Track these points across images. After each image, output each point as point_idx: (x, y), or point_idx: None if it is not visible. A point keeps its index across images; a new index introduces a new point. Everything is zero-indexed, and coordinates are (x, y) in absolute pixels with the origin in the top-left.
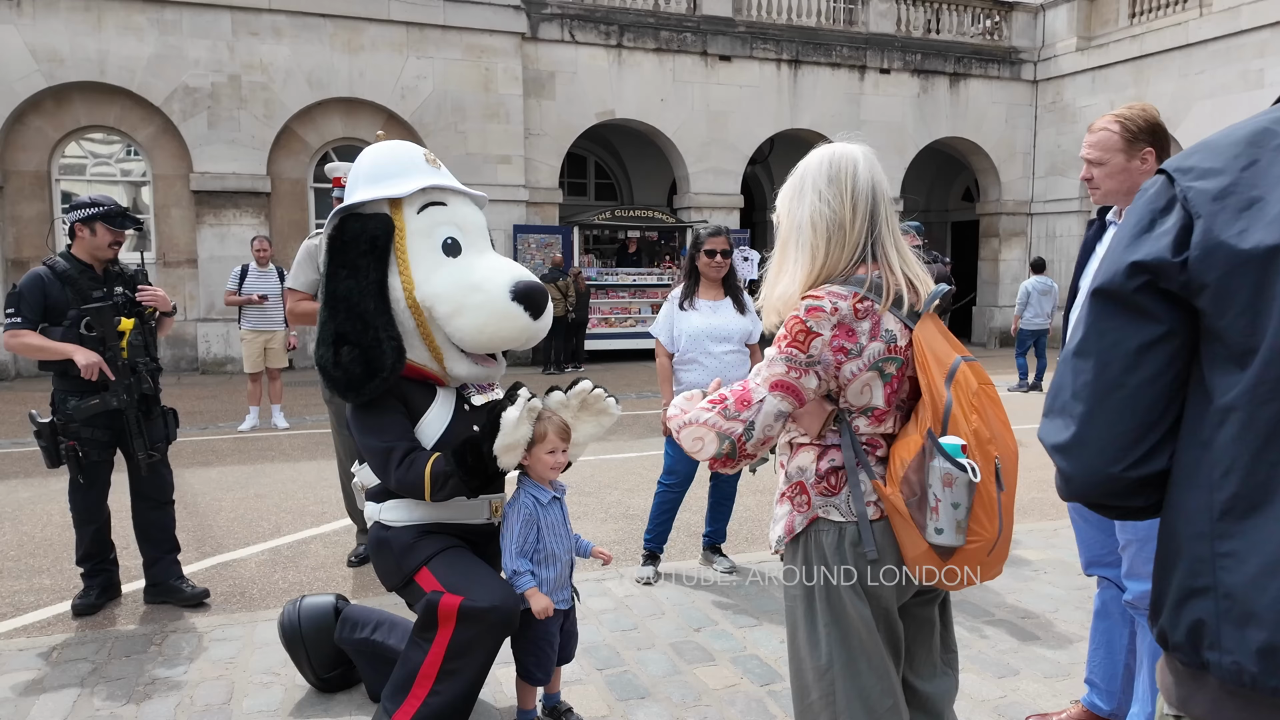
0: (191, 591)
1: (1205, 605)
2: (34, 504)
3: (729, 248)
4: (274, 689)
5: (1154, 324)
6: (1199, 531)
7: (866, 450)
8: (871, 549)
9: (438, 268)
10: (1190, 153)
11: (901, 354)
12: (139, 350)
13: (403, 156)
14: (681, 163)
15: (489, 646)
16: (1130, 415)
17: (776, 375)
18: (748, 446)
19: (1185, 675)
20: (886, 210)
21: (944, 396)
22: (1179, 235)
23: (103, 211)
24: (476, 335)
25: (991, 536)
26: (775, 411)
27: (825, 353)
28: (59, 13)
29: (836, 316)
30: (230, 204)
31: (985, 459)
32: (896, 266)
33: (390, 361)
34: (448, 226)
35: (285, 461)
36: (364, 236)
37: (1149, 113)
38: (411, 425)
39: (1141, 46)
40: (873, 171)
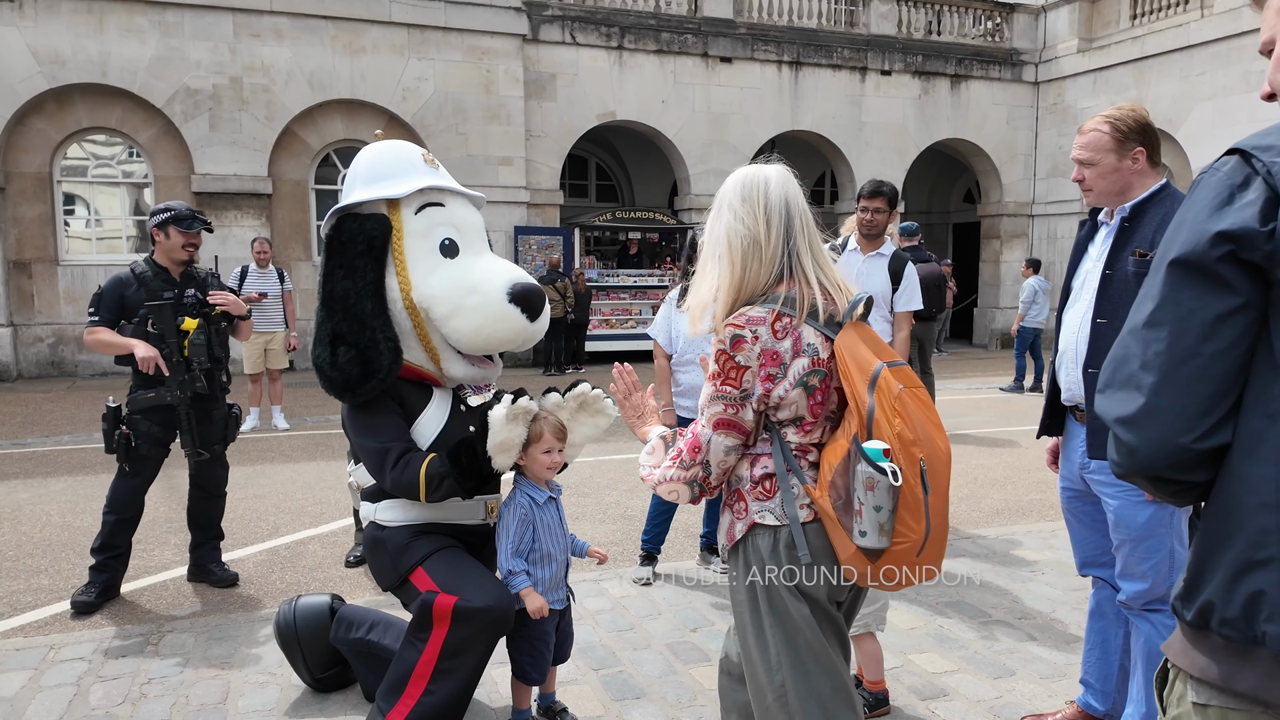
0: (222, 574)
1: (1267, 576)
2: (33, 504)
3: None
4: (269, 689)
5: (1232, 294)
6: (1264, 503)
7: (798, 456)
8: (804, 552)
9: (435, 269)
10: (1265, 134)
11: (824, 366)
12: (200, 350)
13: (401, 156)
14: (682, 164)
15: (484, 646)
16: (1204, 385)
17: (716, 415)
18: (712, 481)
19: (1229, 651)
20: (802, 224)
21: (866, 402)
22: (1265, 207)
23: (173, 215)
24: (473, 336)
25: (918, 537)
26: (723, 448)
27: (755, 385)
28: (61, 14)
29: (759, 345)
30: (231, 205)
31: (909, 461)
32: (813, 278)
33: (387, 362)
34: (445, 227)
35: (285, 462)
36: (361, 237)
37: (1138, 113)
38: (408, 426)
39: (1143, 48)
40: (785, 189)
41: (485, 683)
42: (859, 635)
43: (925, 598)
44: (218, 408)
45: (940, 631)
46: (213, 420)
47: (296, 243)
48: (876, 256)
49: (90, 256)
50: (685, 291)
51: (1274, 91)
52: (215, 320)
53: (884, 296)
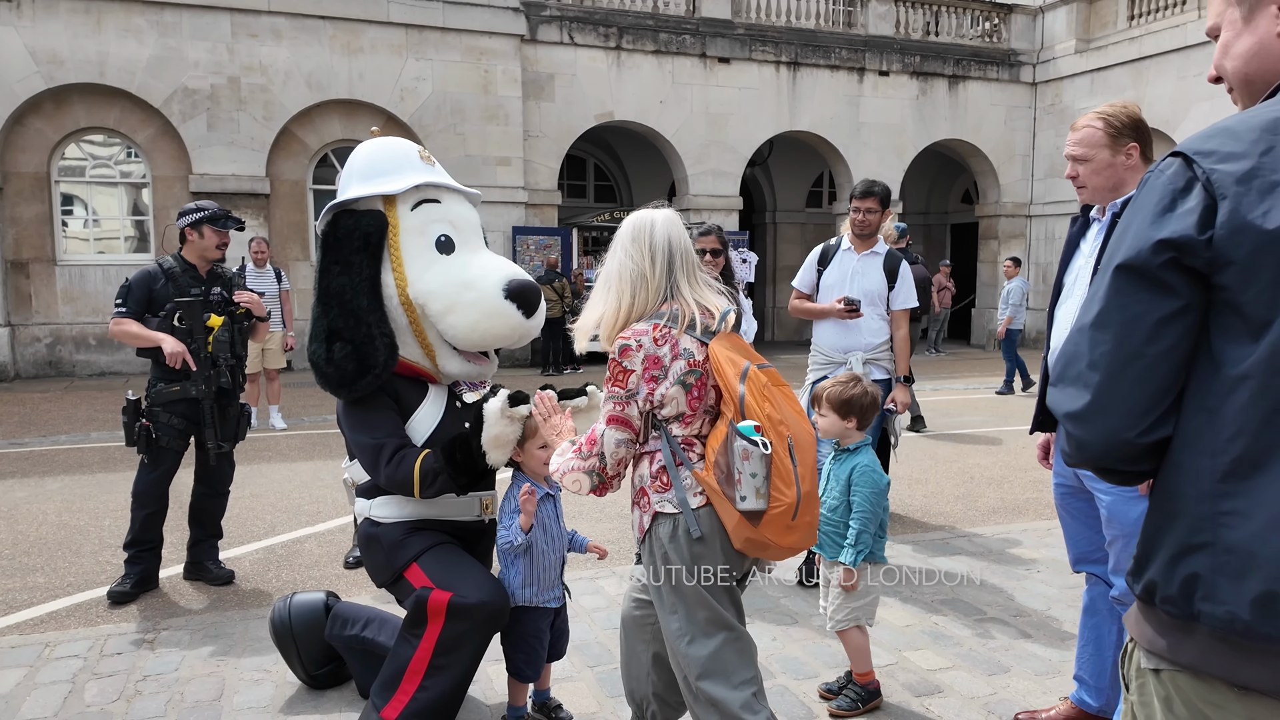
0: (219, 572)
1: (1202, 560)
2: (29, 503)
3: (719, 247)
4: (264, 685)
5: (1174, 298)
6: (1201, 492)
7: (685, 448)
8: (695, 528)
9: (431, 265)
10: (1207, 137)
11: (700, 367)
12: (224, 346)
13: (397, 153)
14: (680, 165)
15: (478, 642)
16: (1147, 384)
17: (609, 412)
18: (609, 471)
19: (1171, 626)
20: (683, 260)
21: (738, 391)
22: (1203, 215)
23: (208, 215)
24: (469, 333)
25: (791, 500)
26: (615, 440)
27: (641, 385)
28: (59, 15)
29: (643, 351)
30: (229, 205)
31: (778, 437)
32: (690, 300)
33: (383, 358)
34: (441, 224)
35: (282, 462)
36: (357, 233)
37: (1130, 109)
38: (403, 422)
39: (1140, 49)
40: (669, 230)
41: (480, 679)
42: (846, 630)
43: (921, 595)
44: (233, 405)
45: (935, 629)
46: (228, 417)
47: (294, 243)
48: (870, 255)
49: (88, 256)
50: None
51: (1218, 74)
52: (238, 319)
53: (879, 295)
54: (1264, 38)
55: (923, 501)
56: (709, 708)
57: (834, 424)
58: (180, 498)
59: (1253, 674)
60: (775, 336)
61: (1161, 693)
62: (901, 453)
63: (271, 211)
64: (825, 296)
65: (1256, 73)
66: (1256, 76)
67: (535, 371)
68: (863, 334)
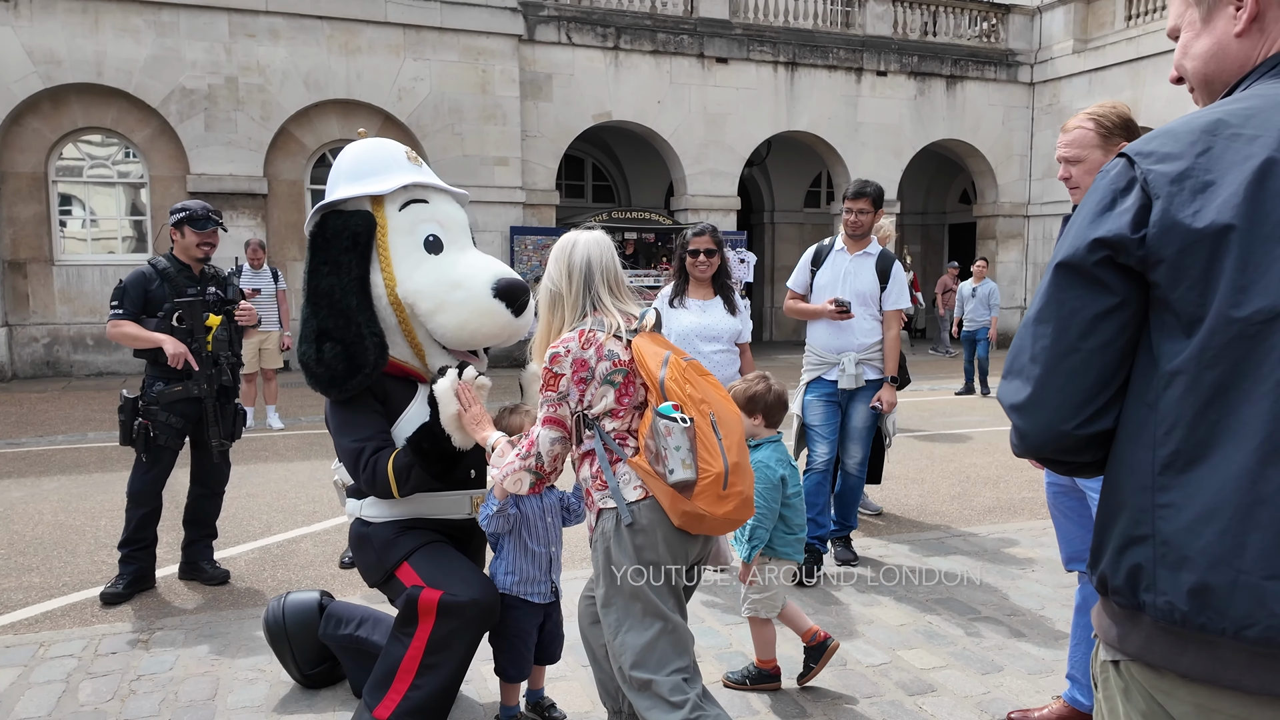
0: (213, 572)
1: (1144, 551)
2: (25, 504)
3: (714, 247)
4: (258, 685)
5: (1109, 295)
6: (1142, 484)
7: (620, 442)
8: (625, 514)
9: (419, 265)
10: (1150, 138)
11: (625, 366)
12: (223, 345)
13: (384, 154)
14: (678, 165)
15: (469, 640)
16: (1083, 377)
17: (543, 415)
18: (545, 467)
19: (1122, 616)
20: (602, 275)
21: (658, 376)
22: (1138, 214)
23: (187, 215)
24: (458, 331)
25: (719, 470)
26: (549, 439)
27: (571, 388)
28: (56, 14)
29: (570, 356)
30: (227, 205)
31: (700, 414)
32: (611, 308)
33: (373, 358)
34: (429, 224)
35: (279, 461)
36: (345, 233)
37: (1119, 109)
38: (390, 422)
39: (1138, 49)
40: (588, 250)
41: (474, 679)
42: (753, 618)
43: (915, 595)
44: (233, 401)
45: (929, 628)
46: (226, 415)
47: (292, 243)
48: (863, 256)
49: (86, 256)
50: (676, 290)
51: (1179, 75)
52: (235, 318)
53: (871, 295)
54: (1221, 38)
55: (918, 501)
56: (640, 693)
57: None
58: (176, 498)
59: (1190, 663)
60: (774, 337)
61: (1120, 684)
62: (898, 453)
63: (269, 211)
64: (818, 297)
65: (1215, 73)
66: (1215, 77)
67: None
68: (855, 334)
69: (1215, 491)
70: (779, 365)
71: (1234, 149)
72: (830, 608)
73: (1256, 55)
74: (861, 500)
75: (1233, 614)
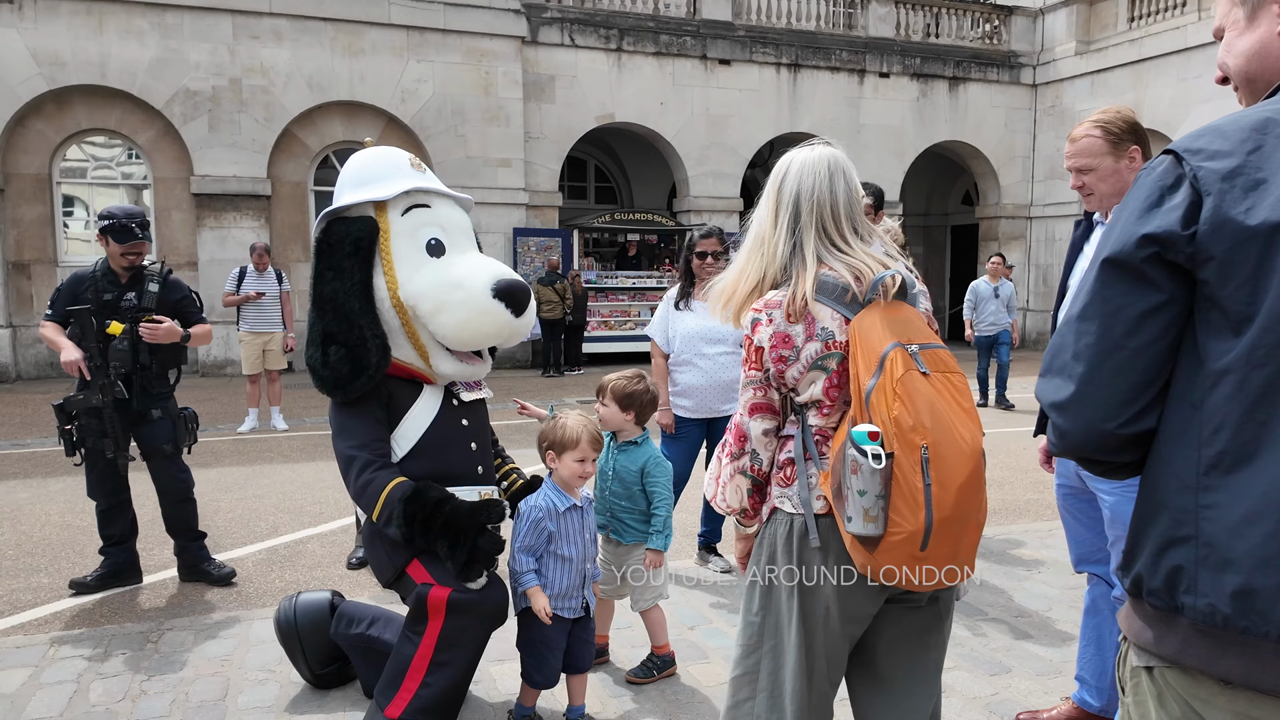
0: (219, 573)
1: (1185, 552)
2: (33, 504)
3: (721, 249)
4: (269, 685)
5: (1156, 292)
6: (1185, 485)
7: (819, 441)
8: (815, 536)
9: (421, 268)
10: (1198, 135)
11: (842, 349)
12: (123, 355)
13: (388, 161)
14: (681, 166)
15: (479, 637)
16: (1128, 376)
17: (748, 400)
18: (763, 469)
19: (1156, 619)
20: (812, 214)
21: (864, 385)
22: (1188, 211)
23: (108, 224)
24: (459, 332)
25: (914, 529)
26: (760, 430)
27: (769, 364)
28: (60, 16)
29: (772, 327)
30: (231, 207)
31: (906, 447)
32: (812, 257)
33: (375, 359)
34: (431, 228)
35: (284, 463)
36: (348, 238)
37: (1125, 113)
38: (393, 424)
39: (1140, 50)
40: (800, 179)
41: (483, 679)
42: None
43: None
44: (156, 410)
45: None
46: (150, 422)
47: (296, 244)
48: None
49: (89, 258)
50: (682, 292)
51: (1224, 74)
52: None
53: None
54: (1265, 37)
55: None
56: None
57: (615, 415)
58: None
59: (1230, 666)
60: None
61: (1154, 690)
62: None
63: (273, 213)
64: None
65: (1258, 71)
66: (1258, 75)
67: (536, 373)
68: None
69: (1262, 493)
70: None
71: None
72: None
73: None
74: None
75: (1277, 617)
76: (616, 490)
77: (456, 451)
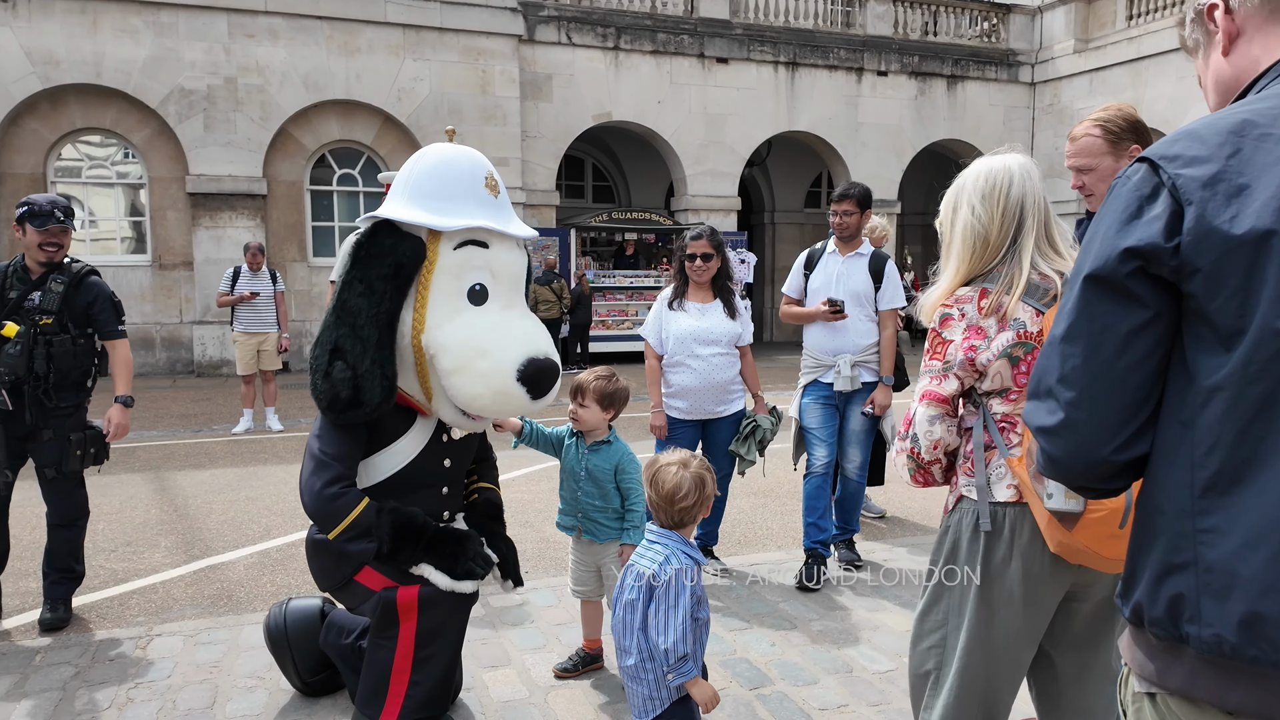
0: (48, 616)
1: (1185, 580)
2: (23, 506)
3: (711, 251)
4: (258, 693)
5: (1142, 308)
6: (1180, 508)
7: (1004, 429)
8: (985, 520)
9: (454, 316)
10: (1172, 141)
11: (1033, 339)
12: (13, 361)
13: (463, 179)
14: (679, 165)
15: (460, 622)
16: (1119, 398)
17: (922, 388)
18: (922, 454)
19: (1161, 649)
20: (1034, 220)
21: None
22: (1169, 221)
23: (28, 209)
24: (469, 401)
25: (1114, 505)
26: (926, 417)
27: (959, 354)
28: (54, 15)
29: (965, 321)
30: (226, 206)
31: None
32: (1025, 264)
33: (378, 398)
34: (480, 272)
35: (278, 464)
36: (390, 259)
37: (1126, 111)
38: (370, 449)
39: (1139, 48)
40: (1024, 186)
41: (475, 685)
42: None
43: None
44: (48, 431)
45: None
46: (40, 440)
47: (291, 244)
48: (855, 257)
49: (84, 258)
50: (676, 292)
51: None
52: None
53: (866, 295)
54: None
55: (921, 504)
56: None
57: (596, 415)
58: (176, 500)
59: (1241, 698)
60: (774, 338)
61: (1157, 717)
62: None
63: (268, 212)
64: (812, 300)
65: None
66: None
67: None
68: (851, 336)
69: (1263, 514)
70: (778, 366)
71: (1265, 150)
72: (834, 613)
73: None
74: (864, 503)
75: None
76: (589, 490)
77: (426, 495)
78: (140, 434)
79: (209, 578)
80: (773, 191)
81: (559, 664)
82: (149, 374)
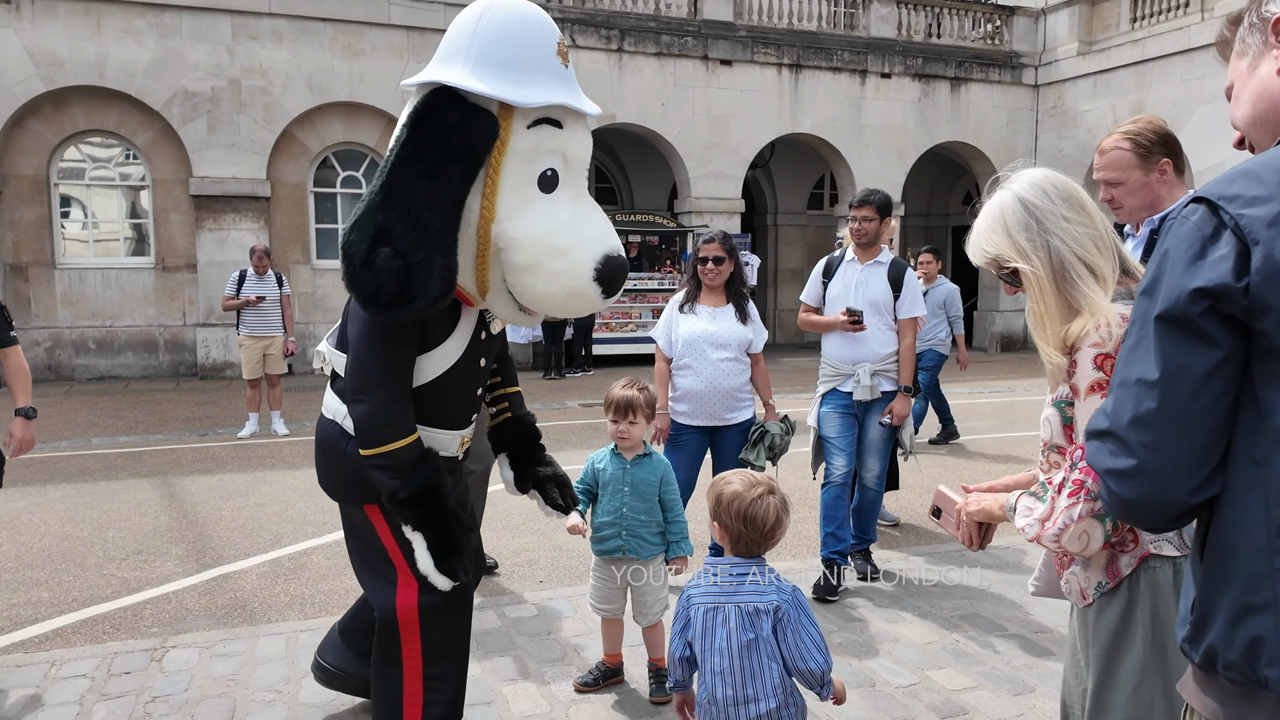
0: None
1: (1265, 621)
2: (31, 513)
3: (723, 254)
4: (276, 707)
5: (1215, 348)
6: (1257, 548)
7: None
8: None
9: (527, 204)
10: (1229, 181)
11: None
12: None
13: (536, 43)
14: (682, 167)
15: (464, 631)
16: (1196, 439)
17: None
18: None
19: (1236, 694)
20: None
21: None
22: (1237, 261)
23: None
24: (542, 301)
25: None
26: None
27: None
28: (58, 16)
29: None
30: (230, 208)
31: None
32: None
33: (434, 295)
34: (553, 156)
35: (285, 469)
36: (461, 138)
37: (1155, 124)
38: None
39: (1143, 51)
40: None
41: (496, 700)
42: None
43: (938, 610)
44: None
45: (956, 646)
46: None
47: (295, 246)
48: (874, 265)
49: (87, 259)
50: (689, 295)
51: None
52: None
53: (885, 305)
54: (1264, 78)
55: None
56: None
57: (641, 429)
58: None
59: None
60: (777, 340)
61: None
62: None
63: (272, 214)
64: (831, 309)
65: (1264, 111)
66: (1265, 115)
67: (537, 375)
68: (870, 345)
69: None
70: (782, 369)
71: None
72: (853, 625)
73: None
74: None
75: None
76: (635, 506)
77: (460, 397)
78: (146, 437)
79: (221, 587)
80: (776, 193)
81: (579, 678)
82: (152, 377)
